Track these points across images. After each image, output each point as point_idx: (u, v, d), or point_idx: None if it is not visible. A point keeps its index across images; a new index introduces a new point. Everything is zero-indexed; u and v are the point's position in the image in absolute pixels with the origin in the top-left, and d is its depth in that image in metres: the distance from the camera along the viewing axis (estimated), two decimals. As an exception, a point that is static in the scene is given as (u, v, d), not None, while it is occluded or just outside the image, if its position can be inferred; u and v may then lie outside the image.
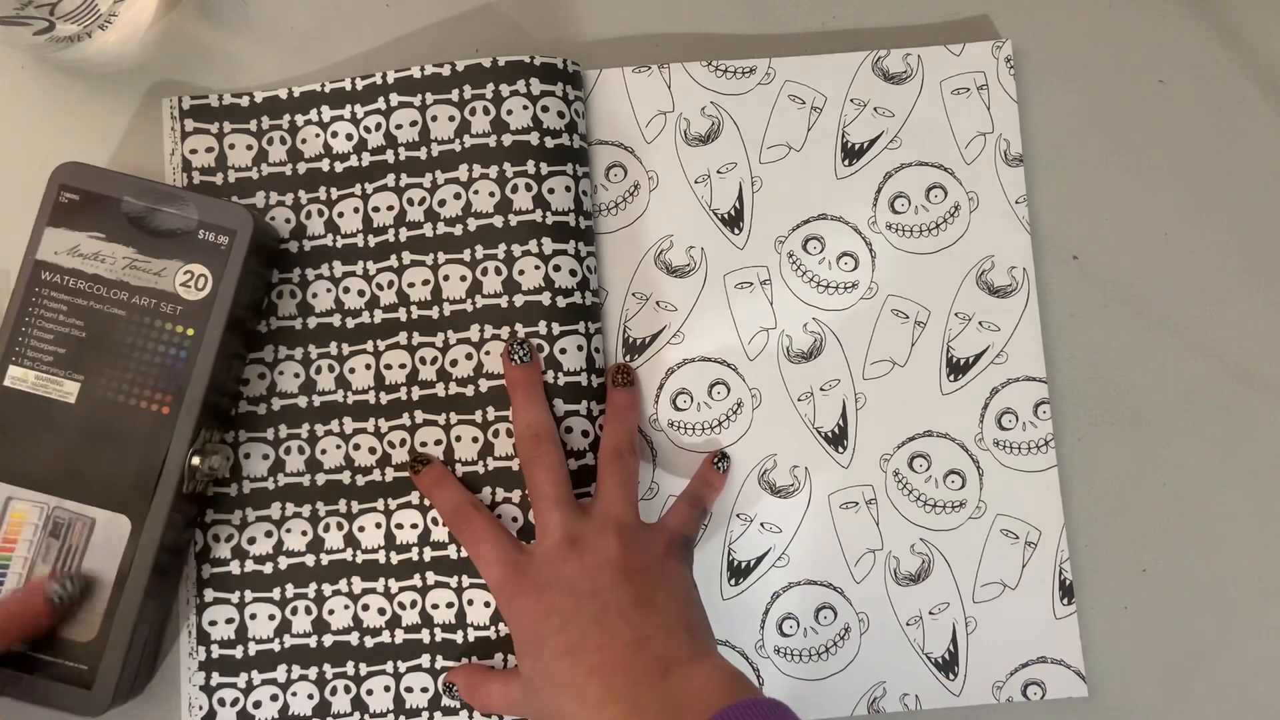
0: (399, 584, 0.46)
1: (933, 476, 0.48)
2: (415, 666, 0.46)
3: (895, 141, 0.49)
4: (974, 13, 0.51)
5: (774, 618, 0.47)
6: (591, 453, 0.46)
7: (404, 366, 0.47)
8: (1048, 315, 0.49)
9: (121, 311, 0.43)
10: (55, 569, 0.42)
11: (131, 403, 0.43)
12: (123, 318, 0.43)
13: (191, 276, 0.43)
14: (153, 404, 0.43)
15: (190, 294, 0.43)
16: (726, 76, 0.49)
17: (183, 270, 0.43)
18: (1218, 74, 0.50)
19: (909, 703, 0.46)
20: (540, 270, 0.46)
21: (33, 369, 0.43)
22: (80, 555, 0.42)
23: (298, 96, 0.48)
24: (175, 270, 0.43)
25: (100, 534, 0.42)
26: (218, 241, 0.43)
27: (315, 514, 0.46)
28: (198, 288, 0.43)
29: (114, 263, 0.43)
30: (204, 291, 0.43)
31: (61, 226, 0.43)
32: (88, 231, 0.43)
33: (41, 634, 0.42)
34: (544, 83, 0.47)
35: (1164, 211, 0.50)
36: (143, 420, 0.43)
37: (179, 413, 0.43)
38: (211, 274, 0.43)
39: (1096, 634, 0.47)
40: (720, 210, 0.49)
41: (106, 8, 0.47)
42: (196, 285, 0.43)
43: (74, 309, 0.43)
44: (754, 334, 0.48)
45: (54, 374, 0.43)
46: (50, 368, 0.43)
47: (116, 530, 0.42)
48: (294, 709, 0.45)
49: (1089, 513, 0.48)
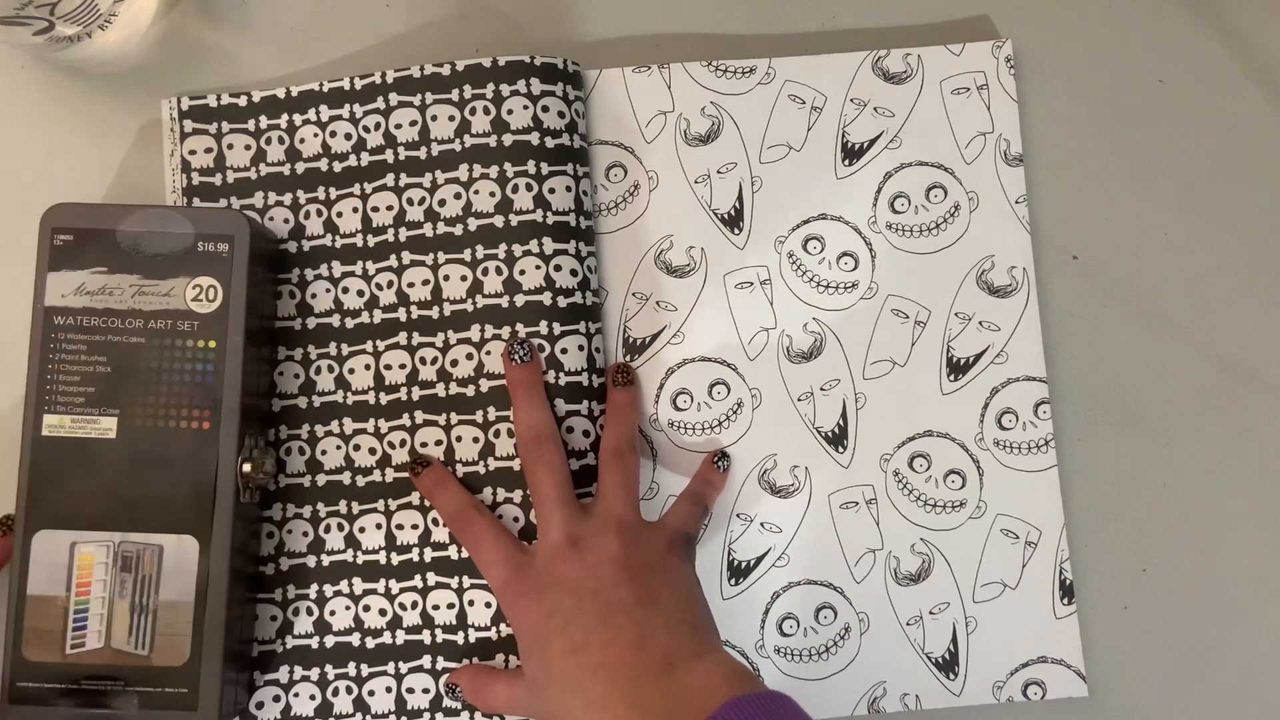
0: (400, 585, 0.46)
1: (933, 476, 0.48)
2: (416, 667, 0.46)
3: (895, 141, 0.49)
4: (974, 13, 0.51)
5: (774, 617, 0.47)
6: (593, 452, 0.46)
7: (404, 367, 0.47)
8: (1048, 315, 0.49)
9: (141, 339, 0.43)
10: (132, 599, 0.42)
11: (171, 425, 0.43)
12: (143, 344, 0.43)
13: (201, 290, 0.43)
14: (192, 422, 0.43)
15: (203, 307, 0.43)
16: (726, 76, 0.49)
17: (191, 285, 0.43)
18: (1218, 74, 0.50)
19: (909, 703, 0.46)
20: (541, 270, 0.46)
21: (66, 413, 0.43)
22: (156, 583, 0.42)
23: (296, 96, 0.48)
24: (184, 287, 0.43)
25: (170, 558, 0.42)
26: (218, 250, 0.43)
27: (316, 515, 0.46)
28: (209, 299, 0.43)
29: (122, 293, 0.43)
30: (216, 302, 0.43)
31: (62, 269, 0.43)
32: (89, 268, 0.43)
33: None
34: (544, 82, 0.47)
35: (1164, 211, 0.50)
36: (186, 440, 0.43)
37: (219, 425, 0.43)
38: (220, 283, 0.43)
39: (1096, 634, 0.47)
40: (720, 210, 0.49)
41: (106, 8, 0.47)
42: (208, 297, 0.43)
43: (93, 346, 0.43)
44: (754, 334, 0.48)
45: (89, 414, 0.43)
46: (84, 409, 0.43)
47: (185, 551, 0.42)
48: (295, 710, 0.45)
49: (1089, 513, 0.48)
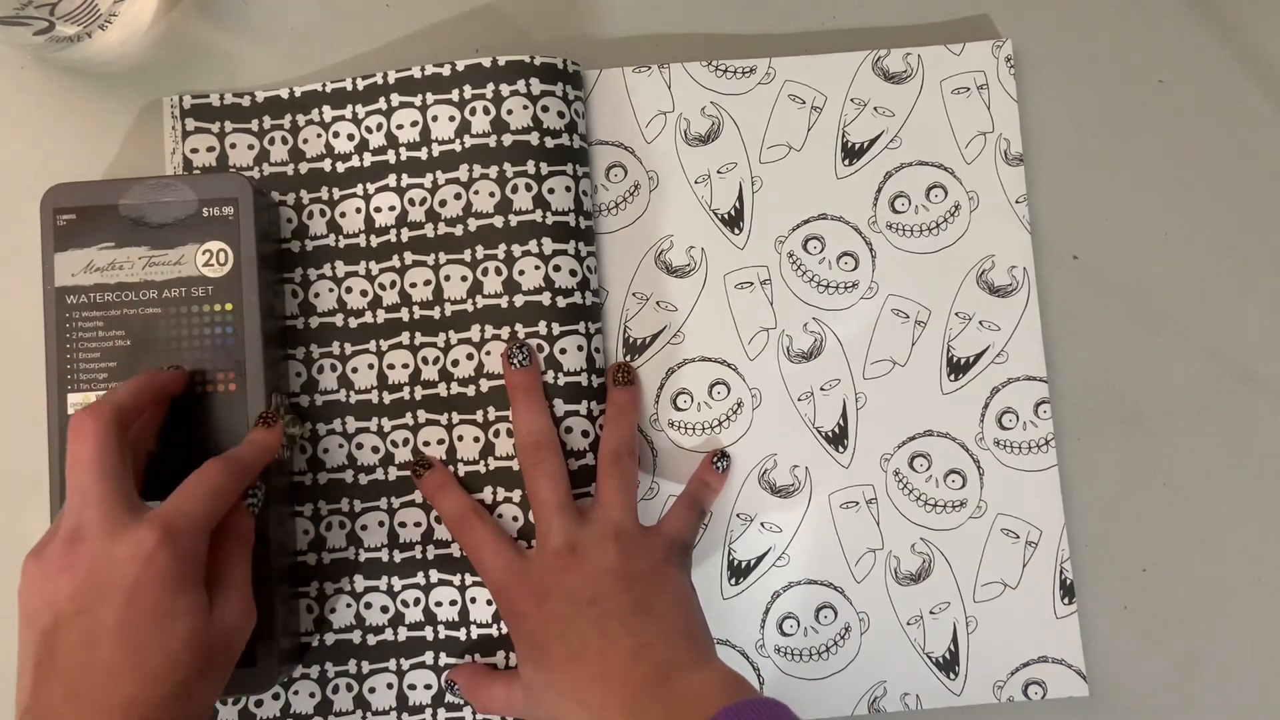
0: (402, 582, 0.46)
1: (933, 476, 0.48)
2: (418, 664, 0.46)
3: (895, 141, 0.49)
4: (974, 12, 0.51)
5: (774, 617, 0.47)
6: (591, 453, 0.46)
7: (406, 366, 0.47)
8: (1048, 315, 0.49)
9: (157, 309, 0.43)
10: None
11: (199, 391, 0.43)
12: (160, 315, 0.43)
13: (211, 254, 0.43)
14: (219, 385, 0.43)
15: (215, 271, 0.43)
16: (726, 76, 0.49)
17: (201, 251, 0.43)
18: (1218, 74, 0.50)
19: (909, 702, 0.46)
20: (540, 270, 0.46)
21: (90, 390, 0.43)
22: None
23: (299, 96, 0.48)
24: (194, 253, 0.43)
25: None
26: (224, 214, 0.43)
27: (318, 512, 0.47)
28: (220, 263, 0.43)
29: (132, 266, 0.43)
30: (228, 265, 0.43)
31: (68, 249, 0.43)
32: (96, 245, 0.43)
33: (250, 545, 0.42)
34: (544, 82, 0.47)
35: (1164, 211, 0.50)
36: (216, 404, 0.43)
37: (245, 385, 0.43)
38: (229, 245, 0.43)
39: (1096, 634, 0.47)
40: (720, 210, 0.49)
41: (106, 8, 0.47)
42: (219, 261, 0.43)
43: (110, 321, 0.43)
44: (754, 334, 0.48)
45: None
46: (107, 384, 0.43)
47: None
48: (295, 707, 0.46)
49: (1089, 513, 0.48)
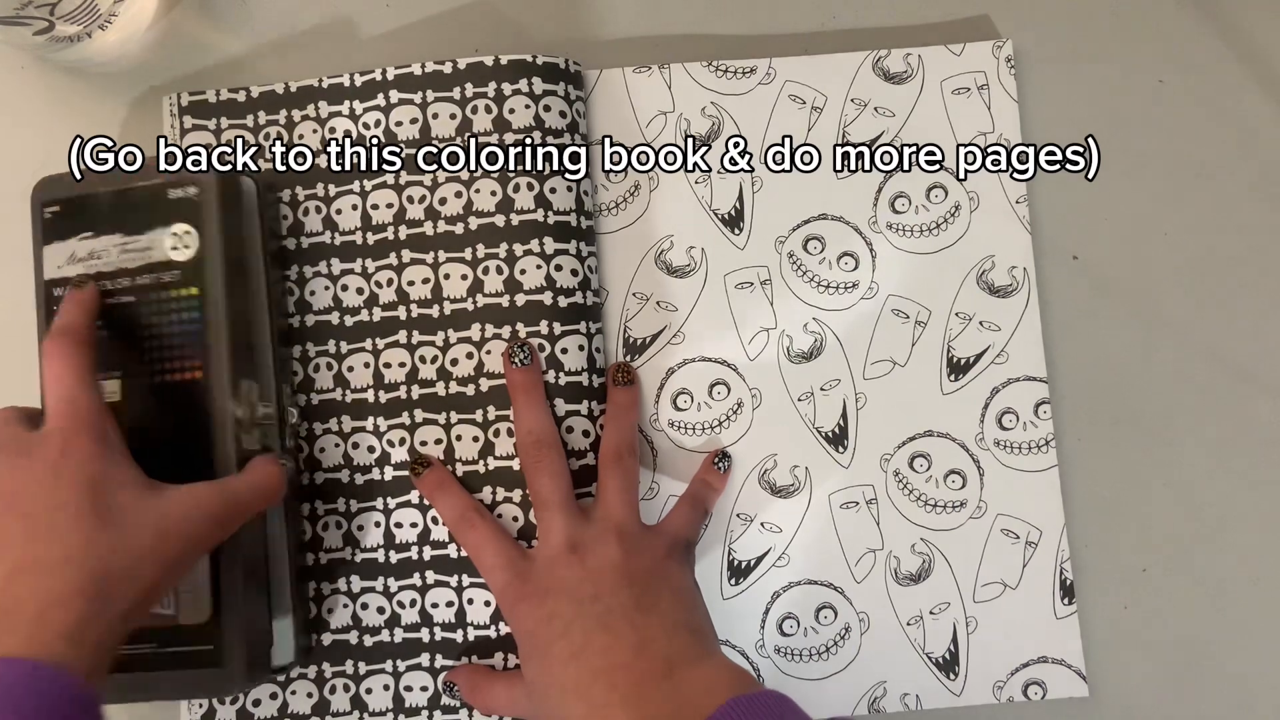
0: (398, 583, 0.46)
1: (933, 476, 0.47)
2: (415, 665, 0.45)
3: (896, 141, 0.49)
4: (974, 12, 0.51)
5: (774, 617, 0.47)
6: (592, 452, 0.46)
7: (403, 365, 0.47)
8: (1048, 315, 0.49)
9: (131, 297, 0.43)
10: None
11: (170, 379, 0.42)
12: (134, 303, 0.43)
13: (178, 237, 0.42)
14: (186, 373, 0.42)
15: (182, 255, 0.42)
16: (727, 76, 0.49)
17: (168, 234, 0.43)
18: (1218, 74, 0.50)
19: (909, 702, 0.46)
20: (542, 270, 0.46)
21: None
22: None
23: (295, 91, 0.48)
24: (163, 237, 0.43)
25: None
26: (188, 194, 0.43)
27: (314, 512, 0.46)
28: (186, 246, 0.42)
29: (108, 255, 0.43)
30: (193, 249, 0.42)
31: (54, 241, 0.43)
32: (77, 235, 0.43)
33: (275, 502, 0.42)
34: (546, 82, 0.47)
35: (1164, 211, 0.50)
36: (184, 392, 0.42)
37: (209, 372, 0.42)
38: (194, 227, 0.42)
39: (1096, 634, 0.47)
40: (720, 210, 0.49)
41: (106, 8, 0.47)
42: (184, 244, 0.42)
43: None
44: (754, 334, 0.48)
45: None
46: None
47: None
48: (293, 707, 0.45)
49: (1089, 513, 0.48)
